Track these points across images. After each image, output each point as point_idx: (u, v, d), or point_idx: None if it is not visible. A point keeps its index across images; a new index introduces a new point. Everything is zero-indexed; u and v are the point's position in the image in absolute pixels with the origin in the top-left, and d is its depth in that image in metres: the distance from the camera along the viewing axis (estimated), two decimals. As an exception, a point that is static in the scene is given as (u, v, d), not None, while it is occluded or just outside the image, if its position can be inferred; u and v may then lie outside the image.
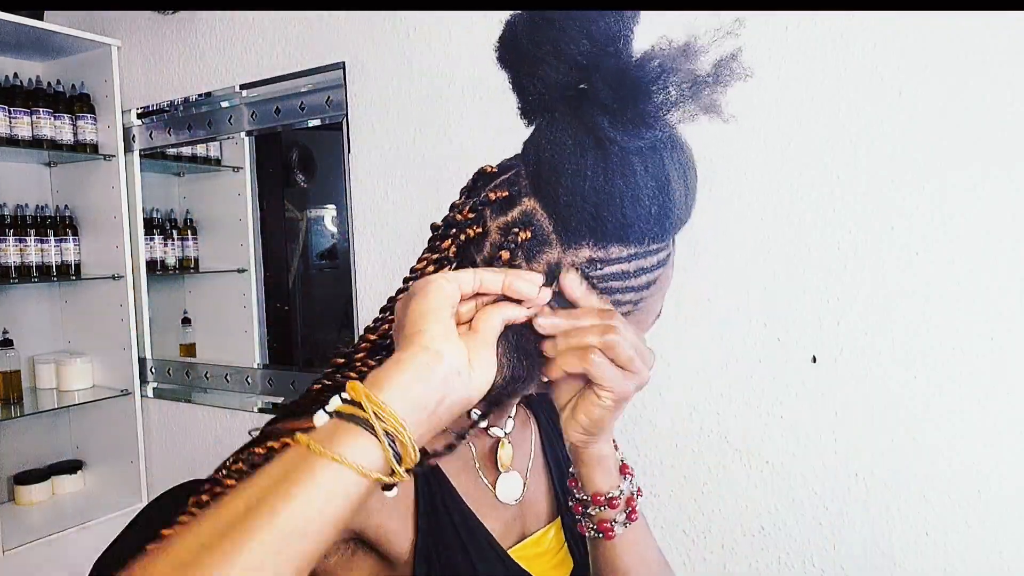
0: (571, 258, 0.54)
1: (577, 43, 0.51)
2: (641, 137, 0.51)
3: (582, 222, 0.53)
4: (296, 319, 2.11)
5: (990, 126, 1.06)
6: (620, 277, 0.55)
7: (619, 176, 0.52)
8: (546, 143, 0.54)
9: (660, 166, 0.53)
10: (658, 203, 0.53)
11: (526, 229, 0.54)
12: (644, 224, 0.53)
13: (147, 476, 2.15)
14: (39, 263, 2.06)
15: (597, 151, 0.52)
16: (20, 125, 1.97)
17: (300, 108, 1.78)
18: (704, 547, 1.33)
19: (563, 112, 0.54)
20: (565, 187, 0.52)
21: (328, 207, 2.08)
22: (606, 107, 0.50)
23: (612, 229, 0.53)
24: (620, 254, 0.54)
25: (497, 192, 0.56)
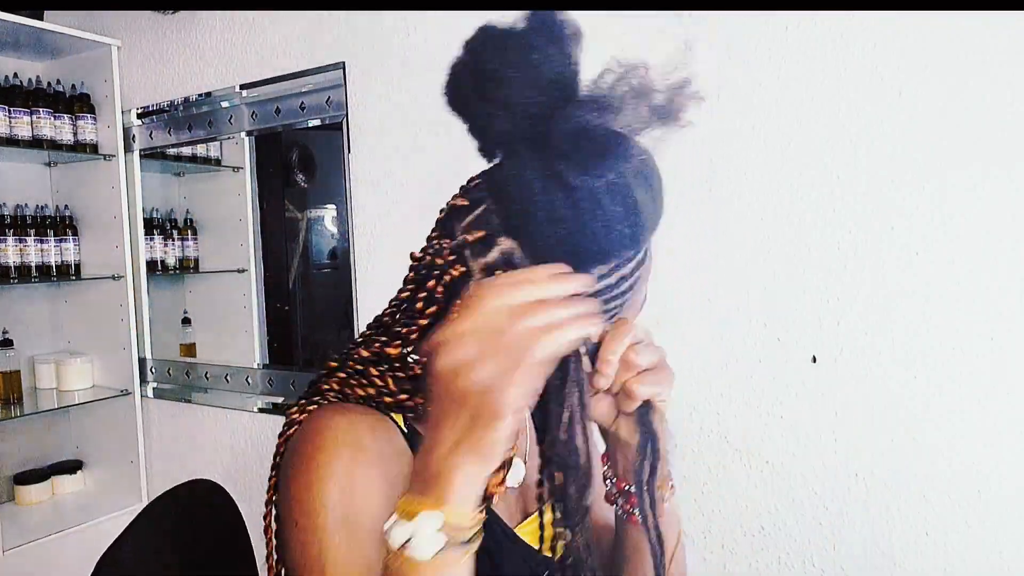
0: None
1: (525, 95, 0.52)
2: (604, 176, 0.52)
3: (560, 259, 0.53)
4: (296, 319, 2.10)
5: (990, 126, 1.06)
6: (604, 292, 0.57)
7: (588, 214, 0.53)
8: (514, 183, 0.55)
9: (627, 191, 0.54)
10: (629, 223, 0.54)
11: (506, 270, 0.55)
12: (619, 243, 0.55)
13: (147, 476, 2.15)
14: (39, 263, 2.05)
15: (564, 192, 0.52)
16: (20, 125, 1.97)
17: (300, 108, 1.78)
18: (704, 547, 1.33)
19: (525, 154, 0.54)
20: (540, 231, 0.53)
21: (328, 207, 2.08)
22: (566, 155, 0.51)
23: (589, 257, 0.54)
24: (601, 272, 0.56)
25: (473, 233, 0.57)
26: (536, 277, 0.49)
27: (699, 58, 0.56)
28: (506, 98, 0.53)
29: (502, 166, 0.57)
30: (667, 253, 1.32)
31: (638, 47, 0.59)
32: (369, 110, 1.66)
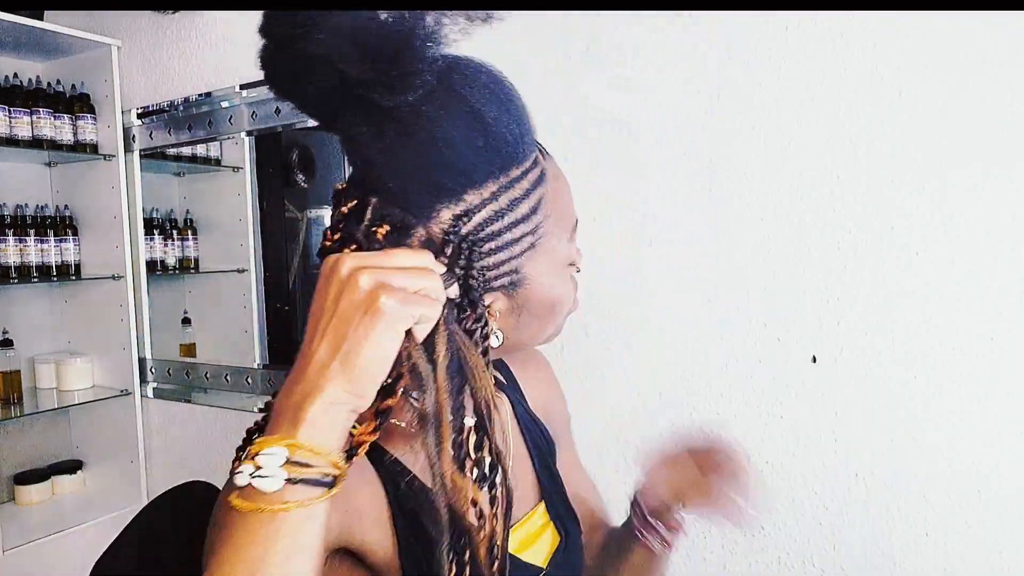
0: (437, 227, 0.53)
1: (316, 40, 0.49)
2: (418, 87, 0.50)
3: (421, 191, 0.52)
4: (296, 319, 2.10)
5: (990, 126, 1.06)
6: (496, 218, 0.54)
7: (422, 131, 0.51)
8: (350, 142, 0.54)
9: (457, 98, 0.52)
10: (480, 133, 0.52)
11: (382, 224, 0.53)
12: (479, 157, 0.52)
13: (147, 476, 2.15)
14: (39, 263, 2.05)
15: (390, 123, 0.51)
16: (20, 125, 1.97)
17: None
18: (704, 547, 1.33)
19: (345, 107, 0.52)
20: (384, 172, 0.52)
21: (328, 207, 2.08)
22: (371, 81, 0.49)
23: (451, 181, 0.52)
24: (482, 197, 0.54)
25: (347, 204, 0.55)
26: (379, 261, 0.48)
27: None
28: (304, 53, 0.50)
29: (341, 137, 0.55)
30: (667, 253, 1.32)
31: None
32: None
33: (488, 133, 0.52)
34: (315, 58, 0.49)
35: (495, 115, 0.53)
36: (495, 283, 0.56)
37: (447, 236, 0.53)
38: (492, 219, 0.54)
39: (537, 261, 0.58)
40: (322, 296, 0.48)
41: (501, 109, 0.54)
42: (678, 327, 1.32)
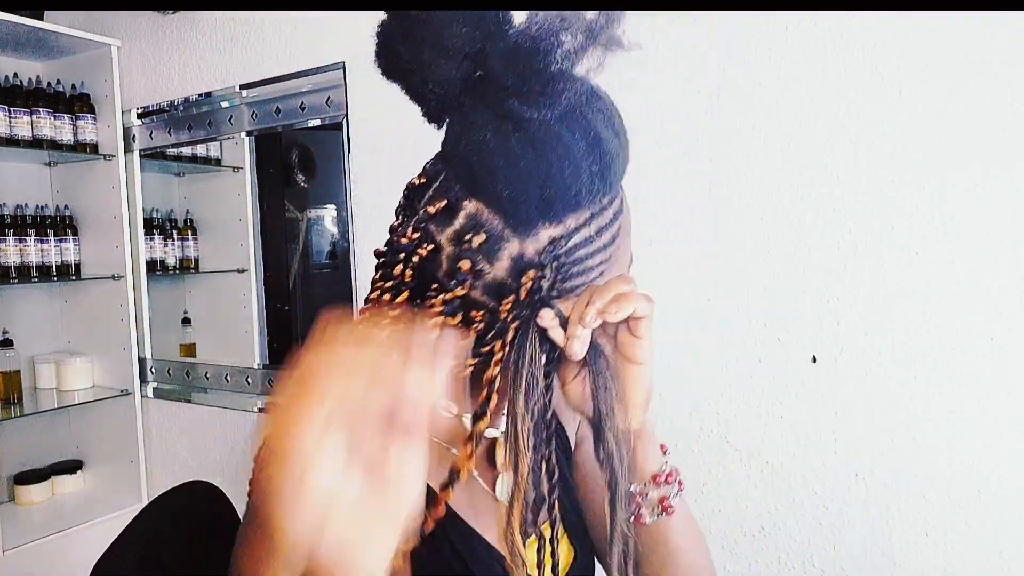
0: (532, 246, 0.52)
1: (458, 34, 0.49)
2: (557, 104, 0.50)
3: (530, 207, 0.51)
4: (296, 319, 2.10)
5: (990, 126, 1.06)
6: (585, 243, 0.54)
7: (549, 150, 0.50)
8: (466, 141, 0.52)
9: (585, 123, 0.52)
10: (595, 159, 0.52)
11: (478, 232, 0.52)
12: (589, 185, 0.52)
13: (147, 476, 2.15)
14: (39, 263, 2.05)
15: (519, 133, 0.50)
16: (20, 125, 1.97)
17: (300, 108, 1.78)
18: (704, 547, 1.33)
19: (470, 105, 0.52)
20: (502, 180, 0.50)
21: (328, 207, 2.08)
22: (510, 88, 0.49)
23: (561, 202, 0.52)
24: (578, 222, 0.53)
25: (435, 204, 0.53)
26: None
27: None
28: (436, 40, 0.49)
29: (451, 126, 0.54)
30: (667, 253, 1.32)
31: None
32: (369, 110, 1.66)
33: (603, 161, 0.52)
34: (448, 50, 0.49)
35: (611, 143, 0.53)
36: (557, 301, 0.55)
37: (539, 256, 0.52)
38: (582, 244, 0.54)
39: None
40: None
41: (616, 139, 0.54)
42: (678, 327, 1.32)
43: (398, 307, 0.54)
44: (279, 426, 0.33)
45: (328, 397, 0.33)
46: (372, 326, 0.42)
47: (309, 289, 2.12)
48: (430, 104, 0.54)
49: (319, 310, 0.89)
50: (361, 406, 0.33)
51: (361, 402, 0.33)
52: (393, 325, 0.44)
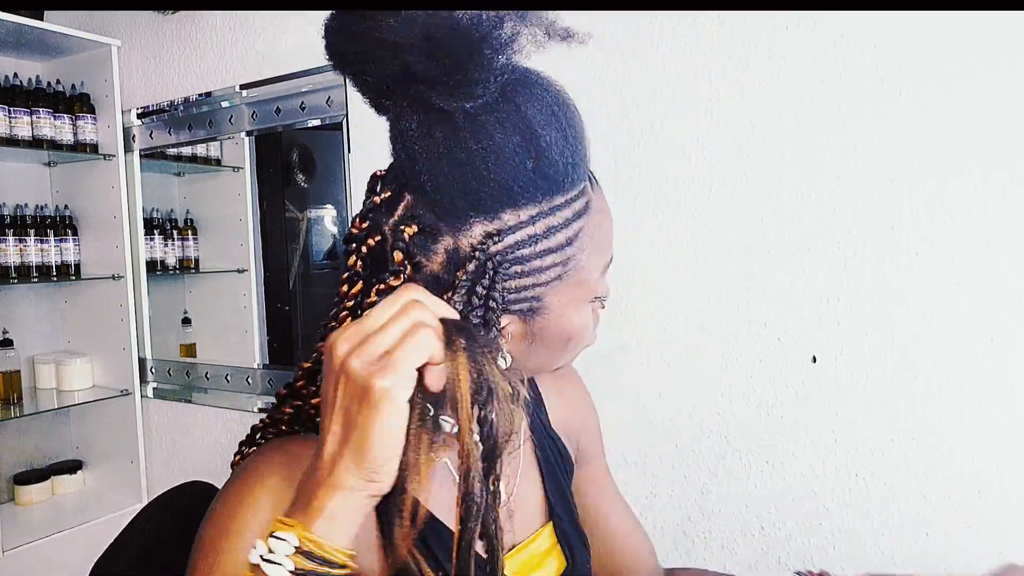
0: (466, 240, 0.51)
1: (387, 26, 0.48)
2: (479, 95, 0.48)
3: (457, 199, 0.50)
4: (296, 319, 2.10)
5: (990, 126, 1.06)
6: (529, 242, 0.52)
7: (474, 142, 0.49)
8: (397, 133, 0.52)
9: (517, 116, 0.50)
10: (531, 154, 0.50)
11: (411, 224, 0.51)
12: (526, 181, 0.50)
13: (147, 476, 2.15)
14: (39, 263, 2.05)
15: (442, 124, 0.49)
16: (20, 125, 1.97)
17: (300, 108, 1.78)
18: (704, 547, 1.33)
19: (401, 96, 0.51)
20: (425, 171, 0.50)
21: (328, 207, 2.08)
22: (432, 79, 0.48)
23: (491, 198, 0.50)
24: (518, 219, 0.51)
25: (382, 194, 0.54)
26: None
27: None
28: (372, 35, 0.49)
29: (390, 118, 0.54)
30: (667, 253, 1.32)
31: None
32: (369, 110, 1.66)
33: (540, 156, 0.50)
34: (381, 42, 0.48)
35: (551, 139, 0.51)
36: (513, 307, 0.54)
37: (474, 252, 0.51)
38: (524, 243, 0.52)
39: (561, 292, 0.55)
40: (326, 384, 0.46)
41: (558, 134, 0.52)
42: (678, 327, 1.32)
43: (352, 297, 0.54)
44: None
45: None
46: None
47: (309, 289, 2.12)
48: (369, 95, 0.54)
49: (319, 310, 0.90)
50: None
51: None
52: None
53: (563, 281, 0.54)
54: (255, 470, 0.54)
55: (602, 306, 0.61)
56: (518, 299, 0.53)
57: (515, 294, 0.53)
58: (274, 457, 0.55)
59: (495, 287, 0.51)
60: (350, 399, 0.43)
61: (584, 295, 0.57)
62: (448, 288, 0.51)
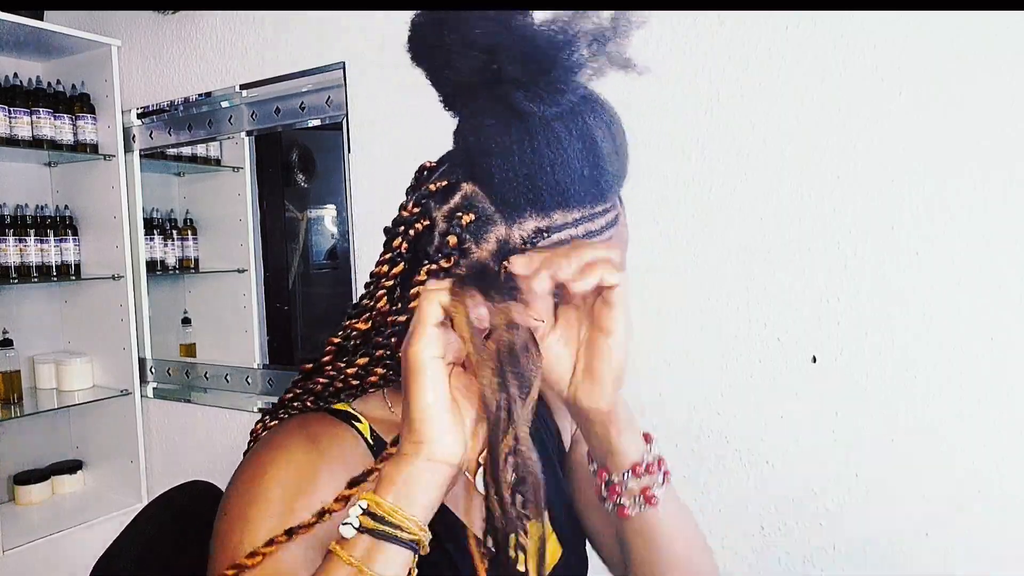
0: (517, 232, 0.55)
1: (481, 28, 0.53)
2: (557, 103, 0.53)
3: (519, 195, 0.54)
4: (296, 319, 2.10)
5: (990, 126, 1.06)
6: (569, 243, 0.56)
7: (545, 144, 0.53)
8: (471, 128, 0.57)
9: (583, 127, 0.55)
10: (589, 163, 0.55)
11: (468, 212, 0.56)
12: (580, 186, 0.55)
13: (147, 476, 2.15)
14: (39, 263, 2.05)
15: (519, 125, 0.54)
16: (20, 125, 1.97)
17: (300, 108, 1.78)
18: (704, 547, 1.33)
19: (482, 95, 0.56)
20: (496, 165, 0.54)
21: (328, 207, 2.08)
22: (518, 81, 0.53)
23: (550, 196, 0.54)
24: (565, 220, 0.56)
25: (437, 183, 0.58)
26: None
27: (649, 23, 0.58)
28: (463, 34, 0.53)
29: (463, 112, 0.59)
30: (667, 253, 1.32)
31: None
32: (369, 110, 1.66)
33: (596, 166, 0.55)
34: (474, 43, 0.53)
35: (607, 150, 0.56)
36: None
37: (524, 244, 0.55)
38: (566, 243, 0.55)
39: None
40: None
41: (612, 148, 0.57)
42: (678, 327, 1.32)
43: (394, 277, 0.58)
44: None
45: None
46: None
47: (309, 289, 2.12)
48: (446, 90, 0.59)
49: (319, 310, 0.90)
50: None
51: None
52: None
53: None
54: (279, 444, 0.57)
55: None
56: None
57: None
58: (296, 433, 0.58)
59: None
60: (402, 377, 0.48)
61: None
62: (491, 277, 0.53)
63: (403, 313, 0.57)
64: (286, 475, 0.55)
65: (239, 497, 0.55)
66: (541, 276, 0.49)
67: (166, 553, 0.75)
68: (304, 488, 0.54)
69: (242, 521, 0.53)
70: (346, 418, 0.62)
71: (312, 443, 0.57)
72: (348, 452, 0.59)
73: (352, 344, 0.61)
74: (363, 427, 0.61)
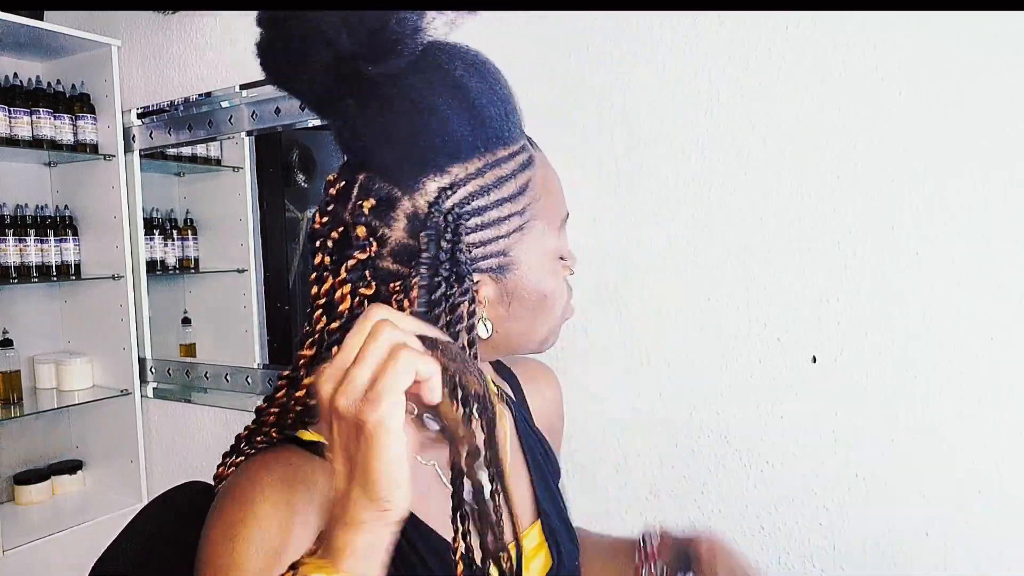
0: (422, 199, 0.54)
1: (316, 22, 0.51)
2: (401, 55, 0.52)
3: (403, 160, 0.53)
4: (296, 319, 2.10)
5: (990, 126, 1.06)
6: (482, 193, 0.55)
7: (406, 101, 0.52)
8: (339, 120, 0.55)
9: (442, 75, 0.54)
10: (465, 108, 0.54)
11: (367, 198, 0.54)
12: (465, 131, 0.54)
13: (147, 476, 2.15)
14: (39, 263, 2.05)
15: (376, 93, 0.53)
16: (20, 125, 1.97)
17: (300, 108, 1.77)
18: (704, 547, 1.33)
19: (336, 87, 0.54)
20: (369, 141, 0.54)
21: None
22: (359, 54, 0.51)
23: (436, 151, 0.53)
24: (467, 171, 0.55)
25: (336, 186, 0.57)
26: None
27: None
28: (304, 34, 0.51)
29: (330, 114, 0.57)
30: (667, 253, 1.32)
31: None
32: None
33: (472, 106, 0.54)
34: (307, 36, 0.51)
35: (478, 89, 0.54)
36: (483, 263, 0.56)
37: (432, 208, 0.54)
38: (477, 194, 0.55)
39: (526, 247, 0.58)
40: (322, 425, 0.45)
41: (484, 85, 0.55)
42: (677, 327, 1.32)
43: (324, 295, 0.56)
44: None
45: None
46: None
47: (309, 289, 2.11)
48: (312, 102, 0.56)
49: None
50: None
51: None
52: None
53: (524, 233, 0.58)
54: (246, 497, 0.54)
55: (571, 272, 0.63)
56: (485, 254, 0.56)
57: (481, 248, 0.56)
58: (262, 480, 0.55)
59: (460, 240, 0.54)
60: (346, 437, 0.42)
61: (548, 251, 0.60)
62: (415, 253, 0.54)
63: (335, 320, 0.55)
64: (254, 534, 0.52)
65: (210, 565, 0.52)
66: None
67: (166, 553, 0.75)
68: (274, 546, 0.52)
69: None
70: (320, 449, 0.58)
71: (277, 490, 0.54)
72: (321, 491, 0.56)
73: (301, 373, 0.58)
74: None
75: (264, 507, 0.53)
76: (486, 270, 0.56)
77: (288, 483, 0.54)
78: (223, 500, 0.55)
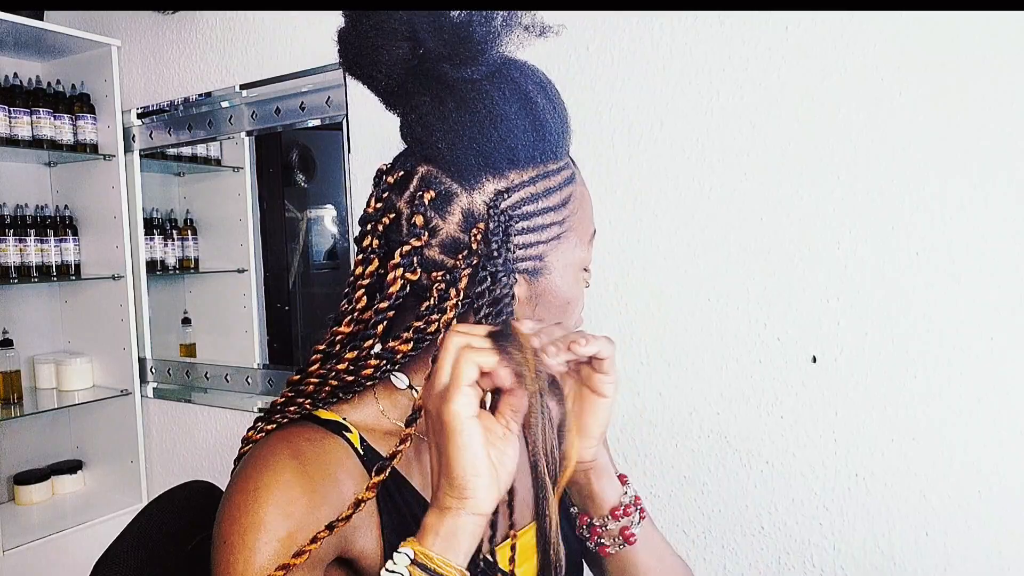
0: (479, 198, 0.58)
1: (398, 19, 0.56)
2: (482, 64, 0.56)
3: (470, 160, 0.57)
4: (296, 319, 2.10)
5: (991, 126, 1.06)
6: (532, 200, 0.59)
7: (481, 107, 0.56)
8: (412, 114, 0.59)
9: (514, 85, 0.58)
10: (529, 120, 0.58)
11: (428, 190, 0.58)
12: (526, 143, 0.58)
13: (147, 476, 2.15)
14: (39, 263, 2.06)
15: (452, 94, 0.57)
16: (20, 125, 1.97)
17: (300, 108, 1.78)
18: (704, 547, 1.33)
19: (413, 83, 0.58)
20: (440, 137, 0.57)
21: (328, 207, 2.08)
22: (441, 55, 0.55)
23: (499, 156, 0.57)
24: (521, 178, 0.59)
25: (393, 174, 0.60)
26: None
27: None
28: (383, 29, 0.56)
29: (403, 107, 0.61)
30: (667, 253, 1.32)
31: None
32: (369, 110, 1.66)
33: (536, 120, 0.58)
34: (394, 31, 0.56)
35: (543, 106, 0.59)
36: (520, 264, 0.60)
37: (488, 207, 0.58)
38: (528, 200, 0.59)
39: (559, 254, 0.62)
40: (427, 425, 0.52)
41: (548, 104, 0.60)
42: (678, 327, 1.32)
43: (369, 276, 0.61)
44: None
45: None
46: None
47: (309, 289, 2.12)
48: (382, 89, 0.60)
49: (319, 310, 0.91)
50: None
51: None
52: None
53: (560, 242, 0.62)
54: (266, 464, 0.56)
55: (587, 284, 0.67)
56: (525, 256, 0.60)
57: (522, 250, 0.59)
58: (281, 451, 0.57)
59: (509, 240, 0.58)
60: (434, 433, 0.50)
61: (576, 262, 0.63)
62: (465, 247, 0.58)
63: (384, 300, 0.59)
64: (278, 497, 0.54)
65: (235, 524, 0.54)
66: (552, 336, 0.52)
67: (166, 553, 0.75)
68: (296, 511, 0.54)
69: (243, 550, 0.52)
70: (336, 428, 0.61)
71: (298, 461, 0.56)
72: (337, 466, 0.58)
73: (337, 349, 0.62)
74: (353, 437, 0.60)
75: (286, 475, 0.55)
76: (522, 271, 0.60)
77: (308, 455, 0.57)
78: (248, 465, 0.57)
